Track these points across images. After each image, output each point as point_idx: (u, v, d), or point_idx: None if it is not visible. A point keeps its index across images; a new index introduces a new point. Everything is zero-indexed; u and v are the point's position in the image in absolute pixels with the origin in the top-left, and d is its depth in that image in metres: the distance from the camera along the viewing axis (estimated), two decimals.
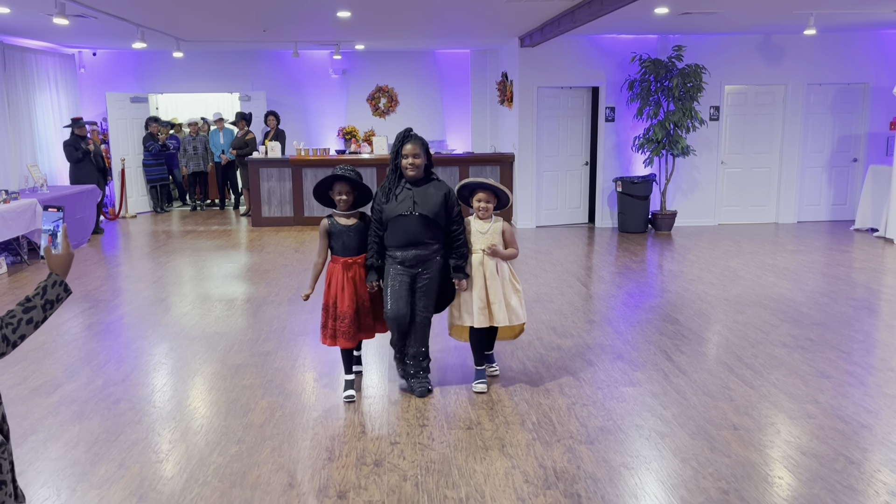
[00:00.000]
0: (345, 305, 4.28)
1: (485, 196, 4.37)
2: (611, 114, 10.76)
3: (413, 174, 4.22)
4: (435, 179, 4.32)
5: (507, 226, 4.47)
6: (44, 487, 3.40)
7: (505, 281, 4.39)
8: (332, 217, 4.37)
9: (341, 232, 4.32)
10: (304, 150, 11.47)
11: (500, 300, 4.34)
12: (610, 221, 10.97)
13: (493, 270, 4.35)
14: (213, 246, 9.73)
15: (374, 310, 4.44)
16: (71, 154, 10.68)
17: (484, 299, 4.35)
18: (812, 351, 5.19)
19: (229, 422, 4.12)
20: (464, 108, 13.39)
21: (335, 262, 4.35)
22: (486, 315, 4.35)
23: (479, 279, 4.36)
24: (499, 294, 4.34)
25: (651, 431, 3.92)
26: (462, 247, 4.33)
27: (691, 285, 7.18)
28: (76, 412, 4.27)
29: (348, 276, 4.30)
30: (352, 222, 4.35)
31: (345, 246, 4.33)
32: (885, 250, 8.81)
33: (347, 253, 4.33)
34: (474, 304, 4.34)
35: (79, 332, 5.85)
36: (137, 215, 12.69)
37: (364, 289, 4.35)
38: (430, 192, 4.24)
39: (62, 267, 2.28)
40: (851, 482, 3.36)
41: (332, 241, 4.35)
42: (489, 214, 4.40)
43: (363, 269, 4.35)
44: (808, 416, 4.10)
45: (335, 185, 4.32)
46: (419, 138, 4.25)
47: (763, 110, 10.87)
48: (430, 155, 4.29)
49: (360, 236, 4.35)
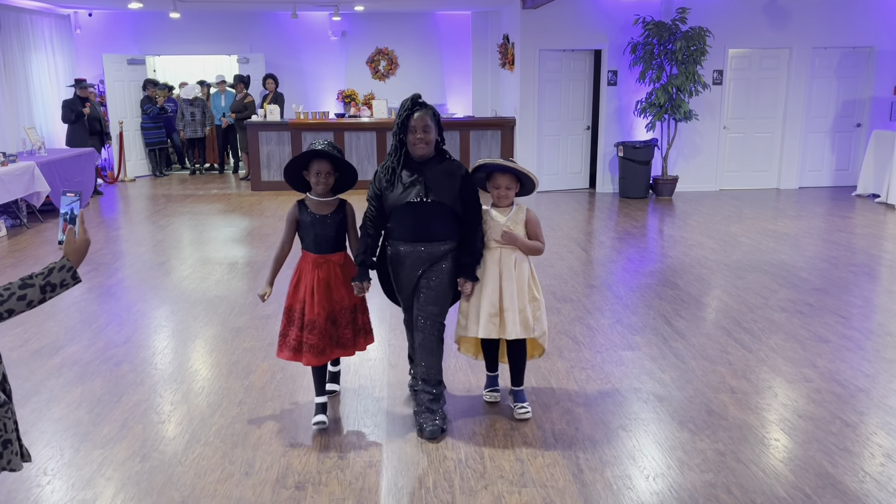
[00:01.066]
0: (314, 313, 3.47)
1: (505, 180, 3.57)
2: (613, 77, 10.65)
3: (423, 152, 3.43)
4: (448, 158, 3.54)
5: (533, 215, 3.66)
6: (47, 447, 3.43)
7: (523, 284, 3.59)
8: (304, 203, 3.53)
9: (314, 222, 3.49)
10: (303, 114, 11.38)
11: (516, 307, 3.53)
12: (611, 187, 10.93)
13: (511, 269, 3.55)
14: (213, 210, 9.71)
15: (356, 320, 3.65)
16: (66, 115, 10.62)
17: (496, 304, 3.53)
18: (811, 316, 5.20)
19: (230, 384, 4.15)
20: (464, 71, 13.25)
21: (304, 258, 3.56)
22: (496, 324, 3.55)
23: (494, 279, 3.54)
24: (515, 300, 3.54)
25: (649, 395, 3.95)
26: (478, 242, 3.54)
27: (691, 250, 7.18)
28: (78, 374, 4.30)
29: (319, 276, 3.49)
30: (328, 211, 3.52)
31: (317, 240, 3.50)
32: (886, 216, 8.79)
33: (320, 249, 3.51)
34: (483, 310, 3.53)
35: (79, 295, 5.86)
36: (136, 179, 12.63)
37: (340, 293, 3.54)
38: (445, 173, 3.46)
39: (77, 254, 2.20)
40: (847, 444, 3.39)
41: (302, 233, 3.55)
42: (510, 202, 3.62)
43: (339, 269, 3.55)
44: (805, 379, 4.13)
45: (312, 164, 3.48)
46: (429, 107, 3.45)
47: (767, 74, 10.75)
48: (441, 128, 3.50)
49: (338, 230, 3.53)
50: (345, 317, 3.58)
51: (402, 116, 3.41)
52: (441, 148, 3.53)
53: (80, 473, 3.20)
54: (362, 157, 11.23)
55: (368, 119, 11.51)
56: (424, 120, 3.41)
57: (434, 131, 3.44)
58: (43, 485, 3.12)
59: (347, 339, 3.61)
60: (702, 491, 3.02)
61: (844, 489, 3.02)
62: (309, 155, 3.46)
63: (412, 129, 3.40)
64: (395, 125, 3.45)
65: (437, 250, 3.47)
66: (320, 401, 3.65)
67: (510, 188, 3.58)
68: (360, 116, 11.98)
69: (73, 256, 2.18)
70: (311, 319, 3.48)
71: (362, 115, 12.11)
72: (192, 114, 13.11)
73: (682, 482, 3.09)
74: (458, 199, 3.47)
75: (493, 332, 3.55)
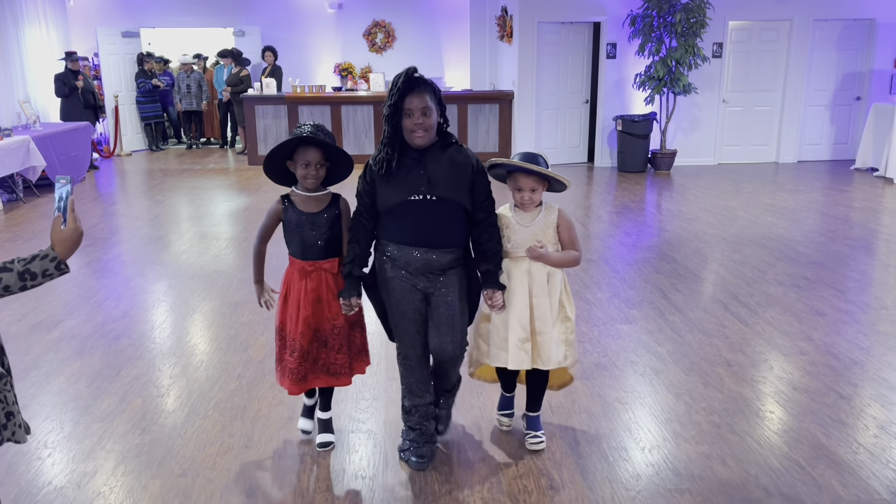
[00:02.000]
0: (297, 331, 2.90)
1: (530, 182, 2.93)
2: (612, 50, 10.56)
3: (423, 141, 2.77)
4: (454, 144, 2.89)
5: (566, 218, 3.02)
6: (47, 420, 3.46)
7: (555, 302, 2.99)
8: (289, 199, 2.93)
9: (301, 223, 2.88)
10: (300, 87, 11.29)
11: (552, 330, 2.96)
12: (609, 161, 10.89)
13: (543, 283, 2.95)
14: (211, 184, 9.68)
15: (353, 342, 3.04)
16: (59, 89, 10.54)
17: (527, 327, 2.93)
18: (807, 289, 5.22)
19: (229, 357, 4.16)
20: (462, 44, 13.12)
21: (291, 265, 2.98)
22: (528, 351, 2.94)
23: (523, 295, 2.93)
24: (549, 320, 2.96)
25: (646, 368, 3.98)
26: (496, 245, 2.92)
27: (689, 224, 7.18)
28: (77, 348, 4.31)
29: (307, 287, 2.90)
30: (318, 208, 2.92)
31: (305, 243, 2.90)
32: (884, 190, 8.78)
33: (309, 254, 2.91)
34: (512, 334, 2.93)
35: (77, 270, 5.86)
36: (133, 153, 12.57)
37: (333, 309, 2.94)
38: (452, 164, 2.83)
39: (64, 244, 2.00)
40: (841, 416, 3.42)
41: (288, 235, 2.95)
42: (537, 204, 3.01)
43: (332, 279, 2.94)
44: (800, 352, 4.15)
45: (298, 153, 2.86)
46: (427, 84, 2.77)
47: (767, 47, 10.67)
48: (443, 106, 2.84)
49: (331, 231, 2.92)
50: (338, 338, 2.95)
51: (394, 97, 2.72)
52: (444, 131, 2.87)
53: (81, 446, 3.23)
54: (359, 131, 11.18)
55: (365, 92, 11.44)
56: (423, 101, 2.73)
57: (435, 113, 2.78)
58: (43, 457, 3.14)
59: (341, 366, 2.98)
60: (697, 462, 3.05)
61: (838, 460, 3.05)
62: (295, 142, 2.83)
63: (408, 113, 2.73)
64: (385, 107, 2.76)
65: (441, 260, 2.83)
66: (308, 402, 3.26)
67: (535, 190, 2.95)
68: (357, 90, 11.91)
69: (59, 246, 1.99)
70: (293, 338, 2.91)
71: (359, 88, 12.04)
72: (188, 86, 13.02)
73: (677, 454, 3.12)
74: (468, 195, 2.85)
75: (526, 362, 2.95)
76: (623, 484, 2.91)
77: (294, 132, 2.85)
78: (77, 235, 2.03)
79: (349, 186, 2.91)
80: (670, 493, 2.84)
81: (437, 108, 2.80)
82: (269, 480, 2.95)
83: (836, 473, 2.96)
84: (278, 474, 2.99)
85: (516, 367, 2.95)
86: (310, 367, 2.96)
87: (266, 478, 2.96)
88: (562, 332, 3.01)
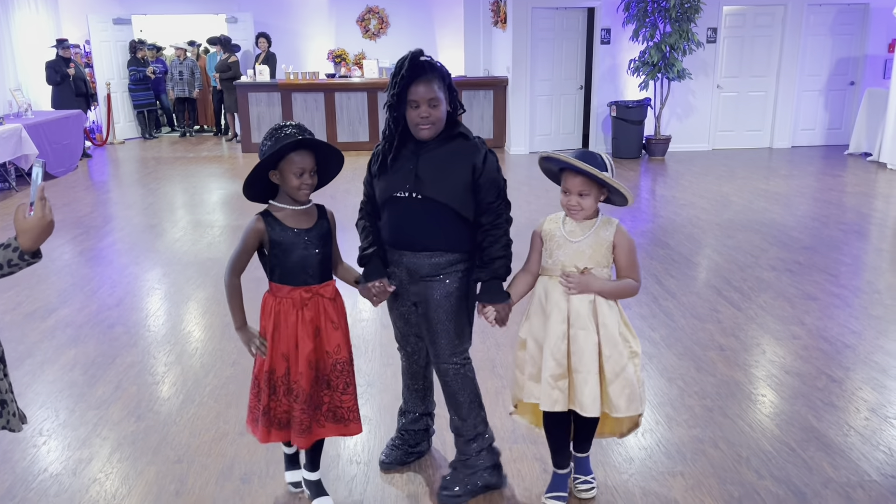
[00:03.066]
0: (297, 372, 2.45)
1: (578, 184, 2.45)
2: (606, 36, 10.53)
3: (429, 134, 2.48)
4: (461, 135, 2.54)
5: (625, 236, 2.51)
6: (42, 408, 3.46)
7: (609, 336, 2.47)
8: (272, 216, 2.45)
9: (295, 242, 2.44)
10: (293, 74, 11.24)
11: (593, 369, 2.45)
12: (604, 147, 10.88)
13: (586, 314, 2.46)
14: (204, 172, 9.65)
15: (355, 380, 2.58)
16: (51, 76, 10.48)
17: (562, 363, 2.47)
18: (800, 274, 5.24)
19: (224, 345, 4.17)
20: (456, 30, 13.06)
21: (277, 293, 2.48)
22: (563, 390, 2.48)
23: (558, 324, 2.47)
24: (590, 358, 2.45)
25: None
26: (498, 250, 2.52)
27: (683, 210, 7.20)
28: (71, 336, 4.31)
29: (304, 318, 2.45)
30: (310, 223, 2.49)
31: (303, 265, 2.45)
32: (877, 174, 8.80)
33: (308, 279, 2.47)
34: (545, 370, 2.49)
35: (71, 258, 5.85)
36: (126, 141, 12.51)
37: (335, 341, 2.51)
38: (447, 160, 2.50)
39: (28, 234, 1.81)
40: (832, 399, 3.45)
41: (277, 259, 2.46)
42: (587, 214, 2.50)
43: (332, 307, 2.51)
44: (793, 336, 4.18)
45: (288, 160, 2.38)
46: (436, 69, 2.46)
47: (761, 32, 10.65)
48: (455, 92, 2.52)
49: (326, 247, 2.51)
50: (343, 375, 2.52)
51: (397, 85, 2.42)
52: (453, 120, 2.54)
53: (76, 434, 3.24)
54: (353, 118, 11.14)
55: (359, 79, 11.39)
56: (431, 90, 2.42)
57: (444, 103, 2.46)
58: (39, 445, 3.15)
59: (349, 409, 2.55)
60: (689, 445, 3.08)
61: (829, 442, 3.08)
62: (290, 147, 2.35)
63: (413, 104, 2.43)
64: (388, 95, 2.47)
65: (423, 263, 2.54)
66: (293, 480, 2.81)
67: (586, 195, 2.45)
68: (351, 76, 11.85)
69: (22, 236, 1.81)
70: (296, 379, 2.46)
71: (353, 75, 11.98)
72: (181, 73, 12.94)
73: (670, 437, 3.14)
74: (464, 196, 2.49)
75: (561, 402, 2.48)
76: (616, 467, 2.93)
77: (281, 136, 2.35)
78: (43, 225, 1.82)
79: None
80: (663, 476, 2.87)
81: (447, 97, 2.48)
82: (264, 466, 2.96)
83: (826, 456, 2.99)
84: (273, 460, 3.00)
85: (549, 408, 2.48)
86: (313, 413, 2.50)
87: (261, 464, 2.97)
88: (627, 373, 2.47)
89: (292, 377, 2.47)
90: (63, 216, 7.18)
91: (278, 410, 2.50)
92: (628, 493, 2.77)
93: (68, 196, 8.18)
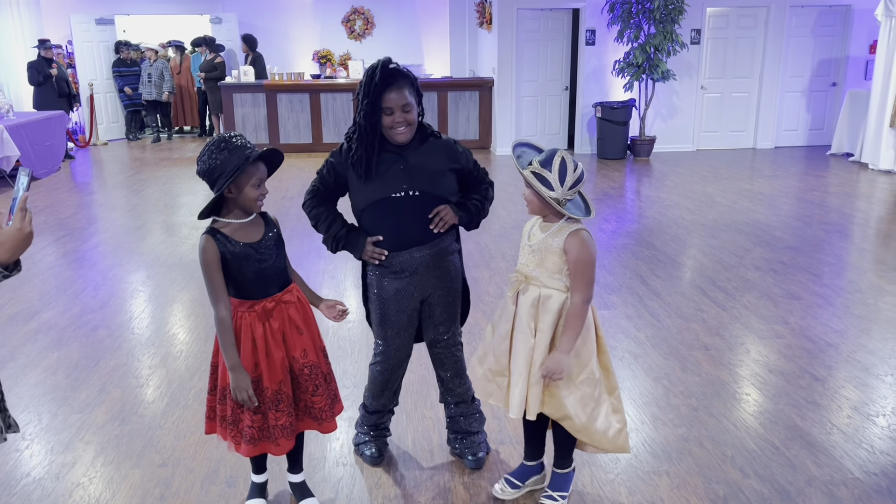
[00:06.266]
0: (277, 380, 2.43)
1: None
2: (591, 37, 10.57)
3: (405, 138, 2.58)
4: (432, 135, 2.70)
5: (575, 243, 2.38)
6: (25, 412, 3.43)
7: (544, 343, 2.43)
8: (220, 233, 2.35)
9: (246, 256, 2.36)
10: (278, 75, 11.20)
11: (523, 373, 2.45)
12: (589, 147, 10.93)
13: (527, 318, 2.45)
14: (188, 174, 9.59)
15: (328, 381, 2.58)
16: (33, 77, 10.39)
17: (503, 362, 2.54)
18: (784, 274, 5.29)
19: (208, 347, 4.14)
20: (442, 30, 13.08)
21: (239, 308, 2.40)
22: (501, 387, 2.56)
23: (505, 322, 2.53)
24: (522, 362, 2.46)
25: (625, 352, 4.01)
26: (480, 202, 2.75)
27: (668, 211, 7.24)
28: (54, 339, 4.27)
29: (272, 329, 2.41)
30: (260, 234, 2.42)
31: (263, 276, 2.40)
32: (859, 175, 8.89)
33: (267, 289, 2.42)
34: (486, 363, 2.60)
35: (53, 261, 5.79)
36: (109, 142, 12.41)
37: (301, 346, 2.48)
38: (430, 154, 2.65)
39: (3, 246, 1.68)
40: (815, 398, 3.48)
41: (232, 276, 2.37)
42: (534, 210, 2.47)
43: (295, 311, 2.48)
44: (776, 336, 4.21)
45: (248, 172, 2.31)
46: (405, 76, 2.56)
47: (744, 33, 10.73)
48: (421, 95, 2.64)
49: (280, 252, 2.47)
50: (311, 379, 2.50)
51: (370, 94, 2.50)
52: (421, 122, 2.68)
53: (59, 437, 3.20)
54: (339, 119, 11.12)
55: (345, 80, 11.37)
56: (403, 96, 2.52)
57: (416, 108, 2.59)
58: (21, 449, 3.12)
59: (320, 410, 2.55)
60: (675, 445, 3.09)
61: (812, 441, 3.11)
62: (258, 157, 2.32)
63: (388, 111, 2.53)
64: (360, 104, 2.55)
65: (435, 250, 2.68)
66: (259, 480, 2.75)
67: (529, 188, 2.44)
68: (336, 77, 11.83)
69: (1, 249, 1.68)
70: (273, 391, 2.42)
71: (338, 76, 11.96)
72: (149, 75, 12.54)
73: (655, 436, 3.16)
74: (450, 179, 2.67)
75: (496, 397, 2.58)
76: (602, 467, 2.94)
77: (235, 147, 2.28)
78: (21, 237, 1.70)
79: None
80: (648, 476, 2.88)
81: (417, 101, 2.60)
82: (250, 470, 2.94)
83: (810, 454, 3.01)
84: None
85: (484, 399, 2.62)
86: (295, 415, 2.52)
87: (247, 467, 2.95)
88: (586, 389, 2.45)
89: (269, 389, 2.41)
90: (46, 218, 7.11)
91: (243, 425, 2.45)
92: (614, 493, 2.78)
93: (51, 198, 8.10)
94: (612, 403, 2.55)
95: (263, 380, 2.41)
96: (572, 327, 2.39)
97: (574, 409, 2.46)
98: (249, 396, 2.37)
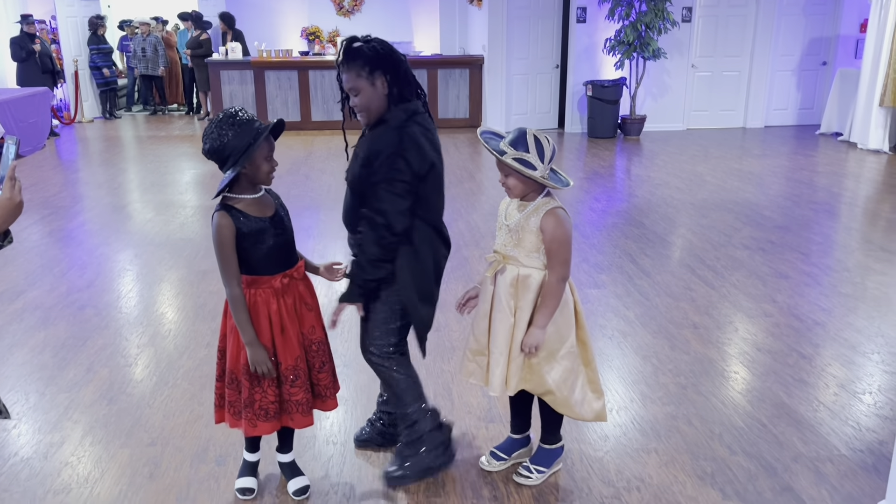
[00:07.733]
0: (294, 355, 2.43)
1: (498, 163, 2.41)
2: (582, 14, 10.49)
3: (363, 120, 2.52)
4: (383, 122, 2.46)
5: (551, 222, 2.39)
6: (12, 392, 3.40)
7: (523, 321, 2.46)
8: (234, 209, 2.35)
9: (265, 230, 2.35)
10: (266, 52, 11.07)
11: (504, 351, 2.48)
12: (579, 126, 10.89)
13: (505, 300, 2.46)
14: (175, 152, 9.50)
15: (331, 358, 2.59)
16: (16, 52, 10.23)
17: (481, 340, 2.57)
18: (772, 253, 5.31)
19: (197, 326, 4.12)
20: (432, 7, 12.93)
21: (254, 284, 2.38)
22: (481, 367, 2.58)
23: (484, 303, 2.56)
24: (503, 341, 2.48)
25: (614, 331, 4.02)
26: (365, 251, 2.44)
27: (658, 190, 7.24)
28: (41, 318, 4.24)
29: (286, 305, 2.42)
30: (272, 209, 2.42)
31: (279, 250, 2.40)
32: (848, 154, 8.91)
33: (282, 264, 2.42)
34: (467, 343, 2.63)
35: (39, 240, 5.74)
36: (94, 120, 12.26)
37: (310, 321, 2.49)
38: (366, 146, 2.48)
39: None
40: (803, 376, 3.51)
41: (249, 251, 2.35)
42: (516, 194, 2.44)
43: (304, 287, 2.49)
44: (765, 314, 4.23)
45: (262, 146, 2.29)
46: (356, 58, 2.40)
47: (736, 11, 10.68)
48: (391, 76, 2.43)
49: (290, 227, 2.48)
50: (319, 354, 2.51)
51: (337, 76, 2.50)
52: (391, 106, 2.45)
53: (47, 417, 3.19)
54: (327, 97, 11.02)
55: (333, 57, 11.24)
56: (350, 79, 2.42)
57: (369, 90, 2.41)
58: (9, 429, 3.10)
59: (325, 387, 2.54)
60: (663, 423, 3.11)
61: (799, 418, 3.13)
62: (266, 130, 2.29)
63: (345, 93, 2.50)
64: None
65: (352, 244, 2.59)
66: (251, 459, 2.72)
67: (508, 174, 2.41)
68: (325, 54, 11.70)
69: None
70: (289, 366, 2.42)
71: (327, 53, 11.84)
72: (143, 49, 12.49)
73: (644, 414, 3.17)
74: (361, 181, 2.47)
75: (476, 376, 2.59)
76: (591, 444, 2.96)
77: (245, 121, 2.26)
78: (10, 206, 1.68)
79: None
80: (637, 454, 2.90)
81: (368, 79, 2.40)
82: (239, 448, 2.94)
83: (797, 431, 3.04)
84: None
85: (465, 378, 2.62)
86: (312, 393, 2.53)
87: (236, 446, 2.95)
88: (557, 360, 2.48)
89: (284, 365, 2.42)
90: (31, 196, 7.03)
91: (264, 402, 2.42)
92: (603, 470, 2.79)
93: (36, 176, 8.01)
94: (588, 374, 2.60)
95: (279, 356, 2.42)
96: (548, 305, 2.43)
97: (556, 384, 2.50)
98: (269, 369, 2.37)
